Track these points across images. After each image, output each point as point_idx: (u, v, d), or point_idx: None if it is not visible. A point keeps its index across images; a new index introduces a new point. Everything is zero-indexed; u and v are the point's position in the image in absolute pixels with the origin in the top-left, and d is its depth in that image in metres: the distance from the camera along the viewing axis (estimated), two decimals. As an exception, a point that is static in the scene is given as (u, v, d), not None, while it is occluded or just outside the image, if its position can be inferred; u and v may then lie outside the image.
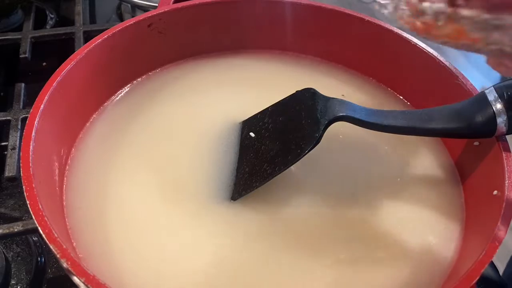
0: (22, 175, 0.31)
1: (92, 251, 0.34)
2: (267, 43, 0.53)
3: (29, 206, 0.30)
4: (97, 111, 0.45)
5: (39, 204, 0.30)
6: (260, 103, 0.43)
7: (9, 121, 0.49)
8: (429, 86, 0.46)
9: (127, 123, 0.44)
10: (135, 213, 0.37)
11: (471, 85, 0.41)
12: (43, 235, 0.29)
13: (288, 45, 0.53)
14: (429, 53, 0.45)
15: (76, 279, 0.27)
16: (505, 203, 0.33)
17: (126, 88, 0.48)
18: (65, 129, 0.40)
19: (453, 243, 0.37)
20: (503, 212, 0.32)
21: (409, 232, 0.38)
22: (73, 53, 0.41)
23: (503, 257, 0.68)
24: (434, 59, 0.44)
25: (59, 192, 0.37)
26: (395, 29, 0.47)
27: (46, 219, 0.29)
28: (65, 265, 0.27)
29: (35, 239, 0.43)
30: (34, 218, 0.29)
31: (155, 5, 0.61)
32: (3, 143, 0.50)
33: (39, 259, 0.42)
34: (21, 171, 0.32)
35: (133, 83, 0.48)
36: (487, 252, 0.30)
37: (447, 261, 0.36)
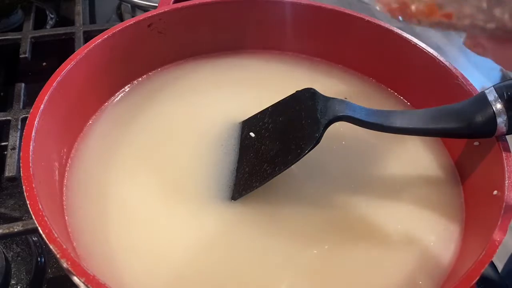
0: (22, 175, 0.31)
1: (92, 251, 0.34)
2: (267, 43, 0.53)
3: (29, 206, 0.30)
4: (97, 111, 0.45)
5: (39, 204, 0.30)
6: (260, 103, 0.43)
7: (9, 121, 0.49)
8: (429, 86, 0.46)
9: (127, 123, 0.44)
10: (135, 213, 0.37)
11: (471, 85, 0.41)
12: (43, 235, 0.29)
13: (288, 45, 0.53)
14: (429, 53, 0.45)
15: (76, 279, 0.27)
16: (505, 203, 0.33)
17: (126, 88, 0.48)
18: (65, 129, 0.40)
19: (453, 243, 0.37)
20: (503, 212, 0.32)
21: (409, 232, 0.38)
22: (73, 53, 0.41)
23: (502, 256, 0.68)
24: (434, 59, 0.44)
25: (59, 192, 0.37)
26: (395, 29, 0.47)
27: (46, 219, 0.29)
28: (65, 265, 0.27)
29: (35, 239, 0.43)
30: (34, 218, 0.29)
31: (155, 5, 0.61)
32: (3, 143, 0.50)
33: (39, 259, 0.42)
34: (21, 171, 0.32)
35: (133, 83, 0.48)
36: (487, 252, 0.30)
37: (447, 261, 0.36)
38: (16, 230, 0.39)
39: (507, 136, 0.36)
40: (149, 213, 0.37)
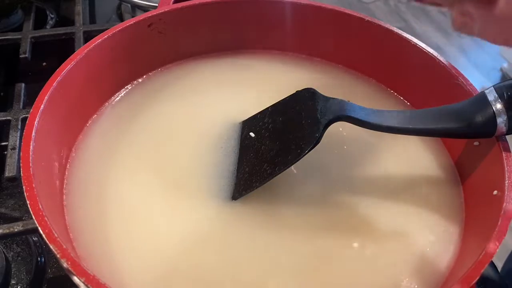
0: (22, 175, 0.31)
1: (92, 251, 0.34)
2: (267, 43, 0.53)
3: (29, 206, 0.30)
4: (97, 111, 0.45)
5: (39, 204, 0.30)
6: (260, 103, 0.43)
7: (9, 121, 0.49)
8: (429, 86, 0.46)
9: (128, 123, 0.44)
10: (136, 213, 0.37)
11: (471, 85, 0.41)
12: (43, 235, 0.29)
13: (288, 45, 0.53)
14: (429, 53, 0.45)
15: (76, 279, 0.27)
16: (505, 203, 0.33)
17: (126, 88, 0.48)
18: (65, 129, 0.40)
19: (452, 243, 0.37)
20: (503, 212, 0.32)
21: (409, 232, 0.38)
22: (73, 53, 0.41)
23: (502, 256, 0.68)
24: (434, 59, 0.44)
25: (59, 192, 0.37)
26: (395, 29, 0.47)
27: (46, 219, 0.29)
28: (65, 265, 0.27)
29: (35, 239, 0.43)
30: (34, 218, 0.29)
31: (155, 5, 0.61)
32: (3, 143, 0.50)
33: (39, 259, 0.42)
34: (21, 171, 0.32)
35: (133, 83, 0.48)
36: (487, 252, 0.30)
37: (447, 261, 0.36)
38: (16, 230, 0.39)
39: (507, 136, 0.36)
40: (149, 213, 0.37)
